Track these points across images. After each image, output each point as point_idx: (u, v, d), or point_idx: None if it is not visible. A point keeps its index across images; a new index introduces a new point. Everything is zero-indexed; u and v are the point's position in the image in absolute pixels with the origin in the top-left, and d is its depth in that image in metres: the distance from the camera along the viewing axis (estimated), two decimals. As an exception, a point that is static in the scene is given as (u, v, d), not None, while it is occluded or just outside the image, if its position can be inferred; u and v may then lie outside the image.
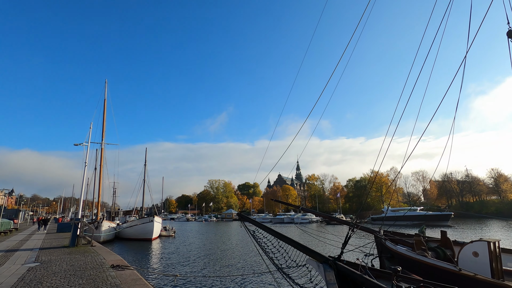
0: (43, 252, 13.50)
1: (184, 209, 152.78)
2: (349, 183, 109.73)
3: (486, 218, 65.33)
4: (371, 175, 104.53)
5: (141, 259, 18.02)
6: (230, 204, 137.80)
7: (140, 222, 31.85)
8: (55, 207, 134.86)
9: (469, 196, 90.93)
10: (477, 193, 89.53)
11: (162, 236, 35.95)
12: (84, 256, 11.78)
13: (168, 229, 38.96)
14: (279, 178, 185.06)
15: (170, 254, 20.40)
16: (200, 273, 13.06)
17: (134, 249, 24.61)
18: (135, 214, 40.88)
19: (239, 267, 14.72)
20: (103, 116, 34.72)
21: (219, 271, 13.59)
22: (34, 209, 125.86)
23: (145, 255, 20.28)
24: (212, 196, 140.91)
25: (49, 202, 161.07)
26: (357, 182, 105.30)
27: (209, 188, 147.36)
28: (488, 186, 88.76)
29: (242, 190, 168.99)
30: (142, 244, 27.82)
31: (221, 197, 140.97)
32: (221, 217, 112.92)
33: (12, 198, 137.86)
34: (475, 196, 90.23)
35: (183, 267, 14.94)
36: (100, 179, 32.84)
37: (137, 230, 31.44)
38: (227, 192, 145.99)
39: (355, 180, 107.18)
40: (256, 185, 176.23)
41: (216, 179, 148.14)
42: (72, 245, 14.96)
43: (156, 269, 14.28)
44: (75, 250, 14.02)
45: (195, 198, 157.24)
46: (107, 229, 29.58)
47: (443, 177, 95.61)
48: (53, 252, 13.38)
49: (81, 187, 18.82)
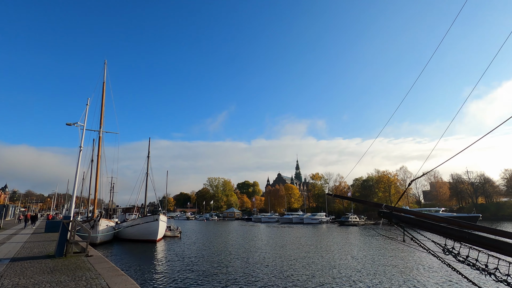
0: (12, 267, 9.10)
1: (182, 207, 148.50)
2: (355, 182, 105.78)
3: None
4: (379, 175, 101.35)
5: (149, 270, 13.70)
6: (230, 203, 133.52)
7: (143, 221, 27.57)
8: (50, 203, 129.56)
9: (481, 198, 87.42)
10: (490, 195, 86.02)
11: (167, 237, 31.76)
12: (74, 280, 7.42)
13: (173, 229, 34.71)
14: (279, 177, 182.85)
15: (184, 261, 16.02)
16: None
17: (138, 253, 20.33)
18: (136, 212, 36.37)
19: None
20: (102, 100, 30.33)
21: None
22: (28, 205, 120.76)
23: (153, 262, 15.92)
24: (211, 194, 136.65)
25: (44, 199, 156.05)
26: (364, 181, 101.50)
27: (209, 186, 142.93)
28: (501, 187, 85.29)
29: (242, 188, 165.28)
30: (146, 246, 23.64)
31: (221, 195, 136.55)
32: (223, 216, 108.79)
33: (5, 194, 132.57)
34: (487, 197, 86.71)
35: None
36: (98, 171, 28.39)
37: (139, 230, 27.22)
38: (227, 190, 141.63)
39: (362, 179, 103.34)
40: (255, 184, 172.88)
41: (215, 177, 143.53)
42: (58, 255, 10.56)
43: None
44: (62, 263, 9.61)
45: (194, 196, 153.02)
46: (105, 228, 25.33)
47: (454, 177, 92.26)
48: (28, 268, 9.00)
49: (75, 176, 14.43)
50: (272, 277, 12.47)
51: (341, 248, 23.21)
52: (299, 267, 14.92)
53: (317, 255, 19.32)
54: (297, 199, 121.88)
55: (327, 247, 23.75)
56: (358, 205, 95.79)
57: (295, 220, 69.75)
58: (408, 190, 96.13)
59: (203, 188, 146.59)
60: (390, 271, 14.01)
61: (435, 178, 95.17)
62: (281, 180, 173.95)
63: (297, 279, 12.19)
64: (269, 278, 12.36)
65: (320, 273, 13.32)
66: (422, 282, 11.70)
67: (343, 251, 21.42)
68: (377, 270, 14.13)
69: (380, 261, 16.81)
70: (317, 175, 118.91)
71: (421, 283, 11.62)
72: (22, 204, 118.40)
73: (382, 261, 17.01)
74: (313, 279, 12.21)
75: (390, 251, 21.43)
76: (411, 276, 12.90)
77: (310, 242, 27.64)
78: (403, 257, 18.59)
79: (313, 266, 15.09)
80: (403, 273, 13.47)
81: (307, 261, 16.65)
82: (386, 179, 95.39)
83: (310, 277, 12.48)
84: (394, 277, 12.72)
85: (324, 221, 68.64)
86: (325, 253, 20.45)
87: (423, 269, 14.36)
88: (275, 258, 18.04)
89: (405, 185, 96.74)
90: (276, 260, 17.20)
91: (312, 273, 13.30)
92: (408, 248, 21.71)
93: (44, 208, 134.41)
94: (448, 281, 11.87)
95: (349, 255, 19.58)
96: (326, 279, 12.14)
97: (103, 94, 30.39)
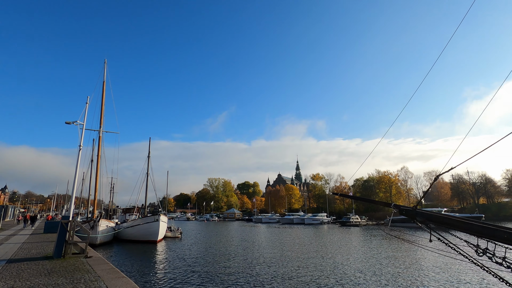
0: (9, 268, 8.76)
1: (182, 208, 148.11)
2: (356, 182, 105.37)
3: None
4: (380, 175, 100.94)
5: (150, 271, 13.35)
6: (231, 204, 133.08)
7: (143, 221, 27.22)
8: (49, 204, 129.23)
9: (483, 198, 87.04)
10: (491, 195, 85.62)
11: (167, 238, 31.42)
12: (72, 282, 7.07)
13: (174, 230, 34.37)
14: (279, 177, 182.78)
15: (186, 262, 15.67)
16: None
17: (138, 254, 19.97)
18: (137, 212, 36.00)
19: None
20: (102, 99, 30.09)
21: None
22: (28, 206, 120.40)
23: (154, 263, 15.57)
24: (211, 195, 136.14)
25: (43, 199, 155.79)
26: (365, 182, 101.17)
27: (209, 186, 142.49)
28: (503, 187, 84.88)
29: (242, 189, 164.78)
30: (146, 247, 23.30)
31: (221, 196, 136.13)
32: (223, 216, 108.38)
33: (5, 194, 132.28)
34: (489, 198, 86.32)
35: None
36: (97, 170, 28.08)
37: (139, 230, 26.88)
38: (227, 191, 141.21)
39: (363, 179, 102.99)
40: (256, 184, 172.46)
41: (216, 177, 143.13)
42: (57, 256, 10.22)
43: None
44: (60, 265, 9.26)
45: (194, 197, 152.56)
46: (105, 229, 25.02)
47: (456, 178, 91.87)
48: (24, 269, 8.65)
49: (75, 175, 14.09)
50: (277, 280, 12.12)
51: (348, 250, 22.84)
52: (303, 268, 14.57)
53: (320, 255, 18.96)
54: (297, 199, 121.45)
55: (331, 249, 23.37)
56: (359, 206, 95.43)
57: (296, 220, 69.33)
58: (409, 190, 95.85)
59: (203, 189, 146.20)
60: (412, 274, 13.54)
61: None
62: (281, 180, 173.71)
63: (303, 280, 11.85)
64: (275, 280, 12.01)
65: (325, 275, 12.98)
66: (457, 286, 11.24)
67: (350, 253, 21.04)
68: (397, 273, 13.68)
69: (396, 264, 16.37)
70: (318, 176, 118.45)
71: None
72: (22, 205, 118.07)
73: (397, 263, 16.55)
74: (319, 280, 11.86)
75: (403, 252, 20.95)
76: (443, 279, 12.48)
77: (312, 243, 27.28)
78: (418, 259, 18.13)
79: (318, 268, 14.74)
80: (430, 277, 13.05)
81: (311, 262, 16.29)
82: (387, 180, 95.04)
83: (316, 278, 12.14)
84: (418, 281, 12.27)
85: (325, 221, 68.22)
86: (329, 254, 20.08)
87: (454, 272, 13.66)
88: (278, 259, 17.68)
89: (406, 185, 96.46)
90: (280, 262, 16.83)
91: (318, 275, 12.95)
92: (418, 250, 21.15)
93: (44, 209, 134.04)
94: (484, 285, 11.31)
95: (356, 257, 19.21)
96: (331, 282, 11.80)
97: (103, 93, 30.12)
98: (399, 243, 26.09)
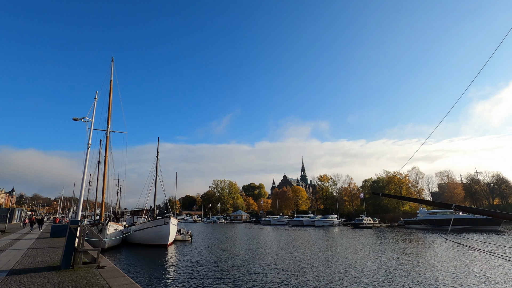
0: (9, 283, 7.47)
1: (187, 210, 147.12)
2: (365, 183, 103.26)
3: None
4: (388, 176, 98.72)
5: (165, 280, 12.03)
6: (237, 205, 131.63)
7: (153, 224, 26.02)
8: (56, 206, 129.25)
9: (497, 198, 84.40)
10: (506, 196, 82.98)
11: (177, 241, 30.17)
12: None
13: (183, 233, 33.16)
14: (285, 179, 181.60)
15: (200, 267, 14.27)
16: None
17: (149, 259, 18.74)
18: (145, 214, 34.83)
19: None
20: (109, 98, 29.05)
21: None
22: (34, 208, 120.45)
23: (167, 270, 14.21)
24: (217, 197, 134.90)
25: (50, 202, 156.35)
26: (374, 182, 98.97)
27: (214, 188, 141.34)
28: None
29: (247, 191, 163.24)
30: (156, 252, 22.06)
31: (227, 197, 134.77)
32: (230, 218, 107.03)
33: (12, 197, 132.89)
34: (503, 199, 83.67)
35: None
36: (105, 171, 26.92)
37: (149, 234, 25.68)
38: (232, 192, 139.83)
39: (372, 180, 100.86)
40: (261, 186, 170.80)
41: (221, 179, 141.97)
42: (65, 266, 8.96)
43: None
44: (69, 278, 7.96)
45: (199, 198, 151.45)
46: (113, 232, 23.84)
47: (469, 178, 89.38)
48: (27, 284, 7.33)
49: (83, 175, 12.93)
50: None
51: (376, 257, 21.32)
52: (331, 275, 13.15)
53: (337, 261, 17.49)
54: (304, 201, 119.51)
55: (349, 254, 21.86)
56: (367, 207, 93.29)
57: (306, 222, 67.60)
58: (421, 191, 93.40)
59: (208, 191, 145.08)
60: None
61: (448, 179, 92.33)
62: (287, 182, 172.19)
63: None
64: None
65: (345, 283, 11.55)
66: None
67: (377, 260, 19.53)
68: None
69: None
70: (325, 177, 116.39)
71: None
72: (29, 207, 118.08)
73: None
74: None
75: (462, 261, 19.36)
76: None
77: (327, 247, 25.77)
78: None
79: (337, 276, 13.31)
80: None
81: (327, 267, 14.85)
82: (397, 180, 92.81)
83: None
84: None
85: (336, 223, 66.44)
86: (348, 261, 18.59)
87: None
88: (300, 267, 16.26)
89: (417, 186, 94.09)
90: (303, 271, 15.42)
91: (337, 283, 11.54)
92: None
93: (50, 212, 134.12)
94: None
95: (388, 264, 17.70)
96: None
97: (110, 92, 29.08)
98: (449, 249, 24.40)
